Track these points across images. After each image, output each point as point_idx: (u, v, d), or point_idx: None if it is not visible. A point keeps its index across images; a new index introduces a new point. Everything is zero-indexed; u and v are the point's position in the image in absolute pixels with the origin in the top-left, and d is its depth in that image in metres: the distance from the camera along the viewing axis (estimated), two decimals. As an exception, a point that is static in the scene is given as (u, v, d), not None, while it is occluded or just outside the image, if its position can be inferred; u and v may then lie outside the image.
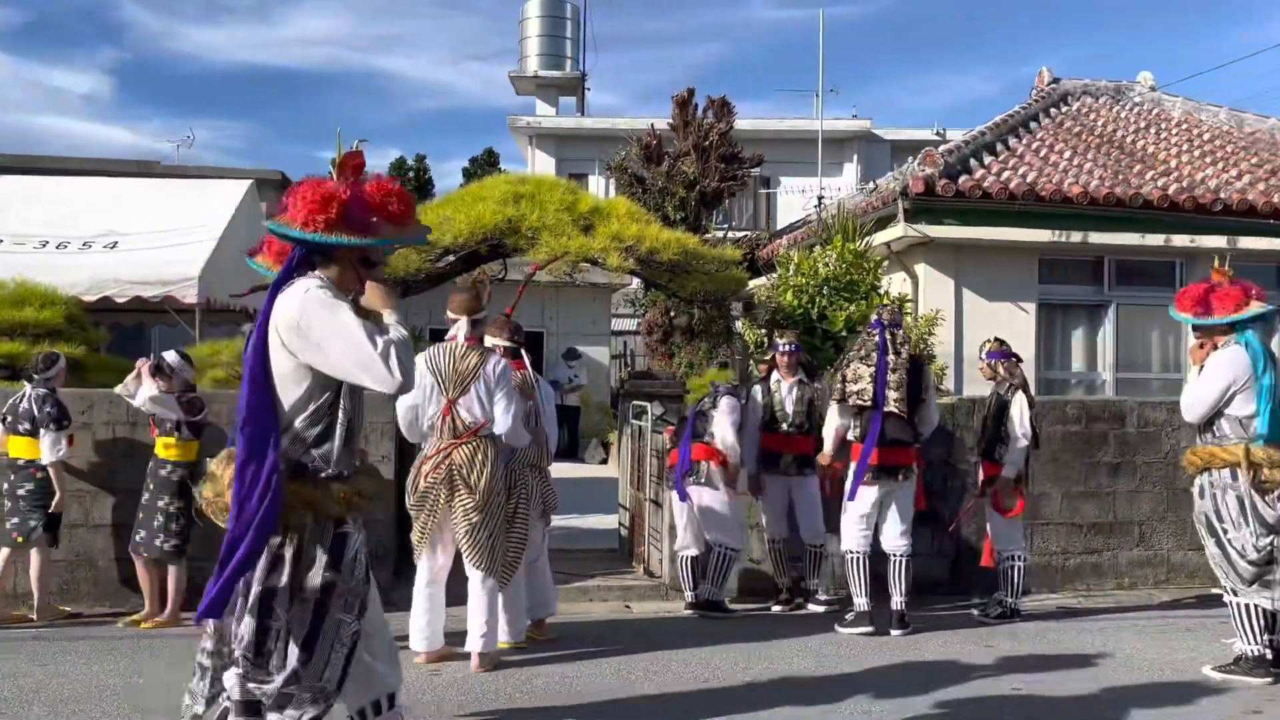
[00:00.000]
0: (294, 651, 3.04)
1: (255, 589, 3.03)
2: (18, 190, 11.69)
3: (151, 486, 6.54)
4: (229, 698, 3.16)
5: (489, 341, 6.27)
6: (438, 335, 21.19)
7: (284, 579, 3.05)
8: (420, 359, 5.36)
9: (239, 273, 10.88)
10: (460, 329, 5.58)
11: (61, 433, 6.56)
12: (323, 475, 3.11)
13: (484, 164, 36.47)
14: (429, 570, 5.62)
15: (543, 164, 25.00)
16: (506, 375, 5.59)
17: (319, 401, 3.10)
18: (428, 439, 5.57)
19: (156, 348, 9.44)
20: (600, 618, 6.97)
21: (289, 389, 3.08)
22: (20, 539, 6.57)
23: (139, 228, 10.64)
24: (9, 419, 6.65)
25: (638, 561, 8.19)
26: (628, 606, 7.34)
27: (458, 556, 5.60)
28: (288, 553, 3.05)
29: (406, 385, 3.03)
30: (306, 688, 3.05)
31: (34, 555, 6.62)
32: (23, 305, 8.36)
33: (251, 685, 3.07)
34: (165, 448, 6.55)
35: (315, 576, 3.08)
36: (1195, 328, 5.79)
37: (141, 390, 6.45)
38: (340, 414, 3.14)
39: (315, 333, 2.99)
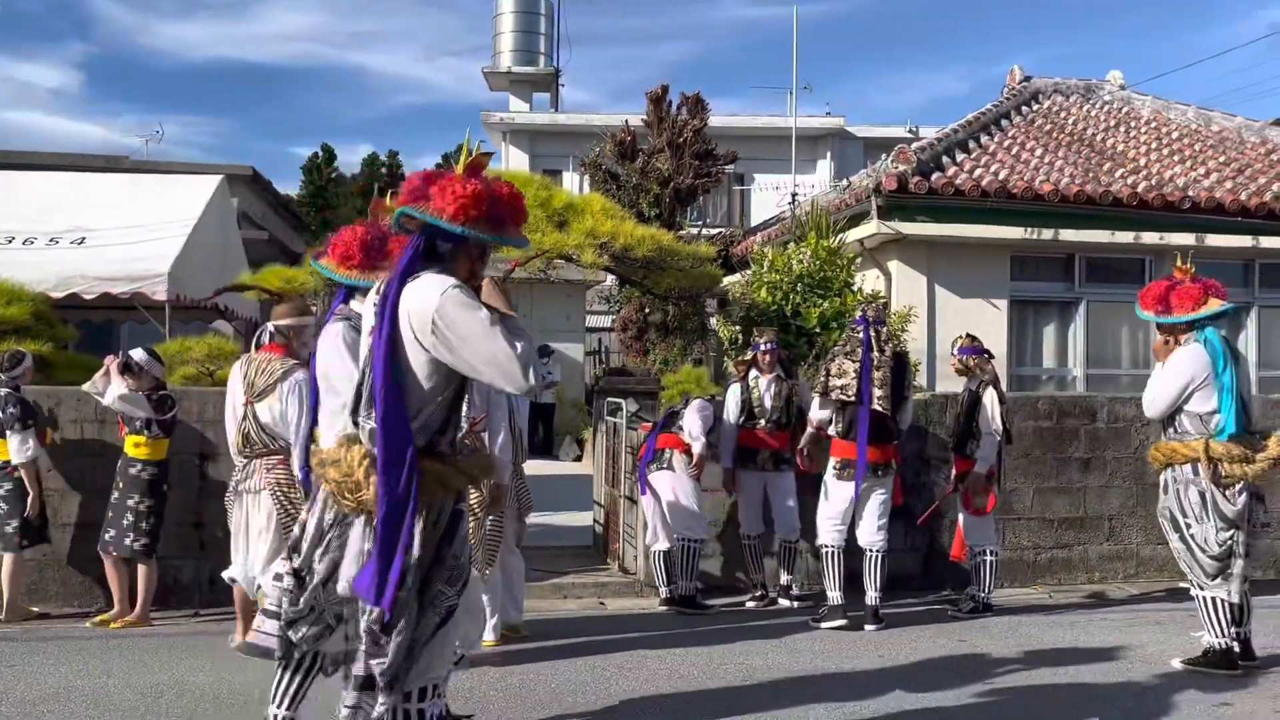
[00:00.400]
0: (409, 624, 3.15)
1: (396, 579, 3.12)
2: (-16, 185, 11.51)
3: (121, 485, 6.47)
4: (353, 672, 3.27)
5: None
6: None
7: (415, 553, 3.14)
8: None
9: (209, 269, 10.81)
10: None
11: (27, 432, 6.47)
12: (447, 456, 3.25)
13: (457, 159, 36.35)
14: None
15: (516, 160, 24.94)
16: None
17: (445, 393, 3.20)
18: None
19: (125, 345, 9.33)
20: (575, 614, 6.96)
21: (421, 378, 3.16)
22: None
23: (108, 224, 10.51)
24: None
25: (612, 558, 8.19)
26: (602, 603, 7.33)
27: None
28: (417, 529, 3.14)
29: (535, 389, 3.12)
30: (406, 659, 3.17)
31: (6, 560, 6.54)
32: (-12, 302, 8.23)
33: (373, 661, 3.17)
34: (135, 446, 6.48)
35: (431, 547, 3.18)
36: (1158, 325, 5.86)
37: (110, 389, 6.37)
38: (464, 405, 3.33)
39: (453, 332, 3.06)
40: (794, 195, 19.10)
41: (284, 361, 5.63)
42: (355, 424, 3.26)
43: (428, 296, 3.07)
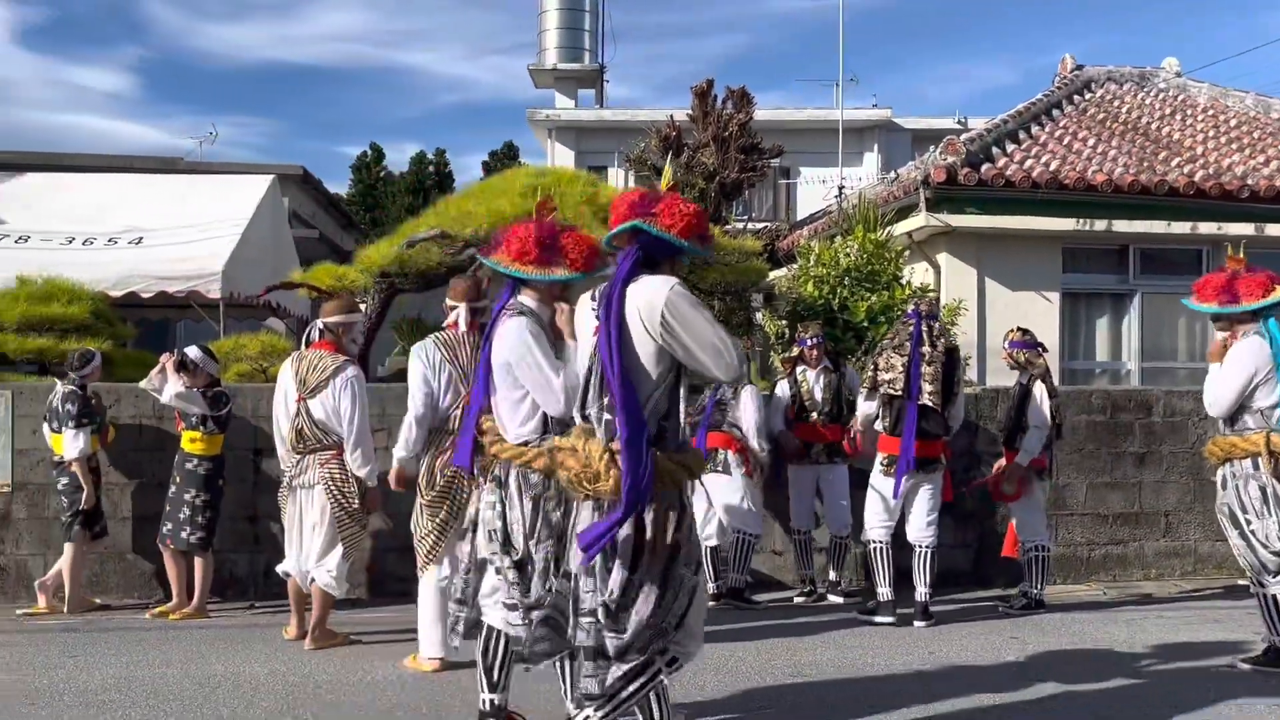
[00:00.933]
0: (646, 602, 3.42)
1: (627, 547, 3.40)
2: (45, 188, 11.83)
3: (178, 480, 6.61)
4: (579, 644, 3.51)
5: None
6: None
7: (647, 537, 3.41)
8: (436, 351, 5.27)
9: (261, 267, 10.99)
10: (460, 316, 5.29)
11: (81, 430, 6.63)
12: (671, 445, 3.50)
13: (503, 158, 36.57)
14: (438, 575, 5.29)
15: (562, 157, 25.01)
16: None
17: (668, 381, 3.50)
18: (421, 433, 5.16)
19: (181, 343, 9.53)
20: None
21: (649, 369, 3.46)
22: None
23: (163, 224, 10.75)
24: (48, 417, 6.77)
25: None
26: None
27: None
28: (649, 515, 3.41)
29: (744, 376, 3.67)
30: (649, 634, 3.44)
31: (67, 548, 6.72)
32: (50, 301, 8.46)
33: (607, 635, 3.44)
34: (191, 441, 6.61)
35: (668, 535, 3.43)
36: (1216, 318, 5.69)
37: (167, 387, 6.51)
38: (681, 391, 3.56)
39: (680, 324, 3.39)
40: (840, 188, 18.95)
41: (335, 357, 5.71)
42: (584, 417, 3.56)
43: (657, 293, 3.41)
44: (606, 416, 3.44)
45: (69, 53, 73.75)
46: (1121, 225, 11.12)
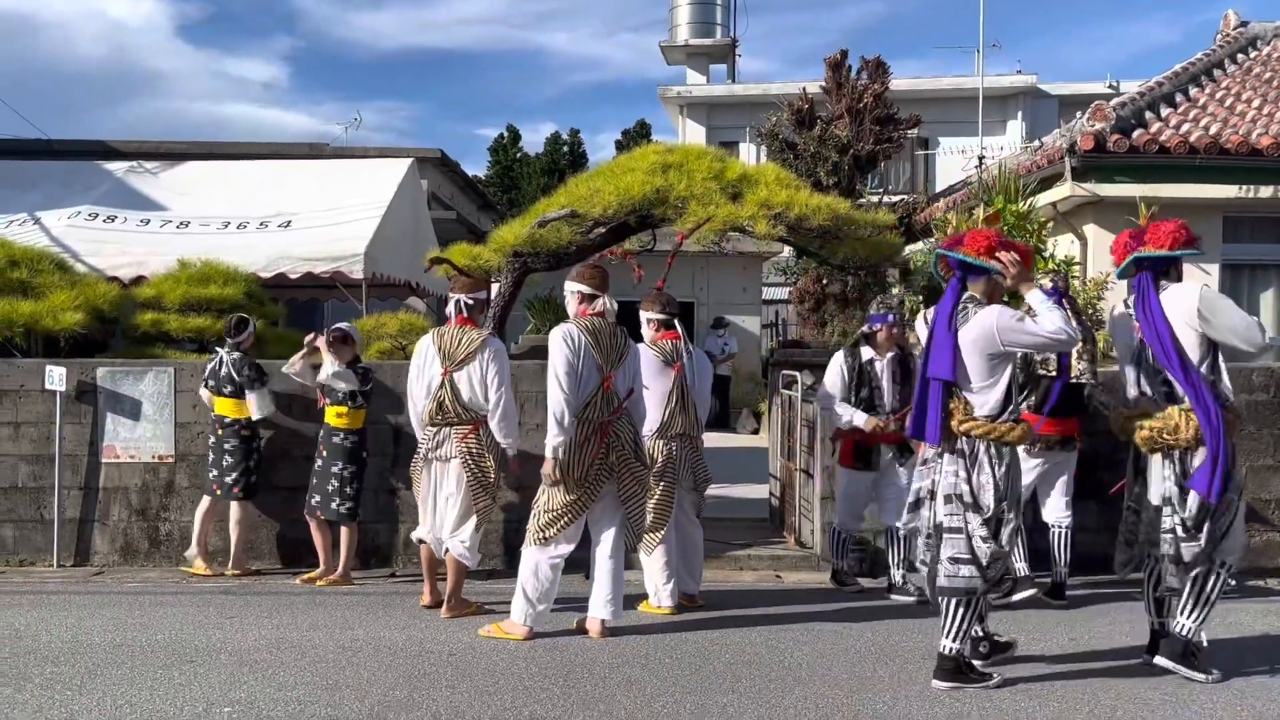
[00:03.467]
0: (1215, 521, 4.78)
1: (1203, 477, 4.72)
2: (204, 175, 12.48)
3: (325, 453, 6.91)
4: (1167, 557, 4.83)
5: (643, 315, 6.35)
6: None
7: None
8: (581, 335, 5.44)
9: (401, 248, 11.34)
10: (605, 304, 5.59)
11: (264, 389, 7.10)
12: (1221, 402, 4.79)
13: (636, 136, 36.71)
14: (610, 543, 5.57)
15: (693, 133, 24.94)
16: (635, 350, 5.77)
17: (1210, 357, 4.83)
18: (573, 418, 5.39)
19: (328, 322, 9.94)
20: (750, 587, 6.98)
21: (1194, 352, 4.78)
22: (219, 491, 7.11)
23: (310, 207, 11.19)
24: (211, 383, 7.20)
25: (789, 532, 8.14)
26: (778, 576, 7.31)
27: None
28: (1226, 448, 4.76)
29: (1271, 349, 4.45)
30: (1211, 547, 4.79)
31: (234, 509, 7.15)
32: (208, 283, 8.95)
33: (1184, 546, 4.76)
34: (337, 416, 6.90)
35: (1240, 469, 4.93)
36: None
37: (325, 365, 6.81)
38: (1221, 362, 4.88)
39: (1214, 315, 4.78)
40: (981, 158, 18.28)
41: (479, 332, 5.89)
42: (1141, 391, 4.95)
43: (1189, 294, 4.84)
44: (1164, 389, 4.83)
45: (226, 45, 77.66)
46: (1289, 191, 10.39)
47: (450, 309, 6.00)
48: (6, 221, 10.64)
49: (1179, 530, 4.76)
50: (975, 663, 4.89)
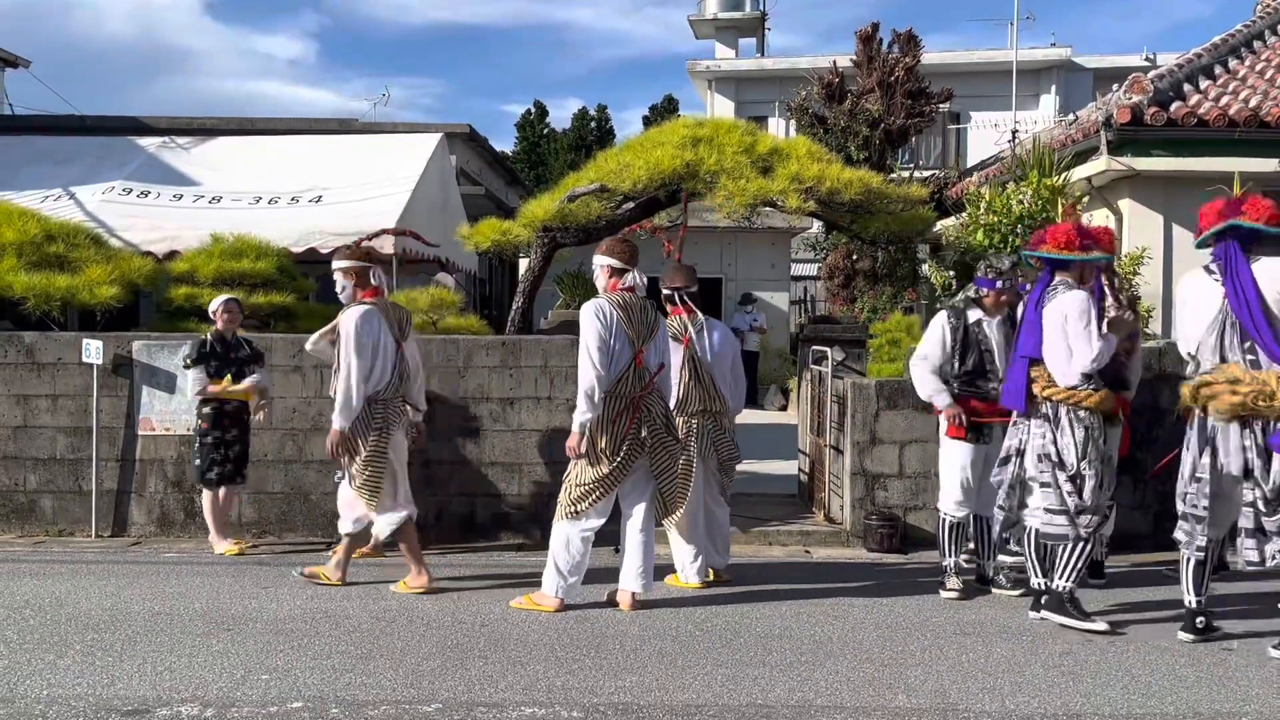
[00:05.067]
0: None
1: None
2: (235, 151, 12.55)
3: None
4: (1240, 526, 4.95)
5: (664, 289, 6.33)
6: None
7: None
8: (613, 310, 5.45)
9: (431, 223, 11.36)
10: (635, 279, 5.64)
11: (199, 367, 7.01)
12: None
13: (664, 111, 36.55)
14: (641, 516, 5.60)
15: (722, 108, 24.78)
16: (664, 325, 5.79)
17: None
18: (605, 392, 5.42)
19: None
20: (780, 561, 6.98)
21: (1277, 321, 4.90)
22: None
23: (340, 182, 11.23)
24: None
25: (818, 507, 8.13)
26: (807, 551, 7.32)
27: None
28: None
29: None
30: None
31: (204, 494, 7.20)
32: (240, 257, 9.00)
33: (1265, 519, 4.82)
34: (365, 389, 6.91)
35: None
36: None
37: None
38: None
39: None
40: (1014, 132, 18.06)
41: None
42: (1222, 358, 4.95)
43: (1277, 269, 4.90)
44: (1250, 357, 4.88)
45: (254, 22, 77.84)
46: (1332, 165, 10.18)
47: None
48: (42, 196, 10.76)
49: (1260, 504, 4.82)
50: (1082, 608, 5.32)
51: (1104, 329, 5.38)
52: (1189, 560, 5.08)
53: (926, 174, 16.57)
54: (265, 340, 7.57)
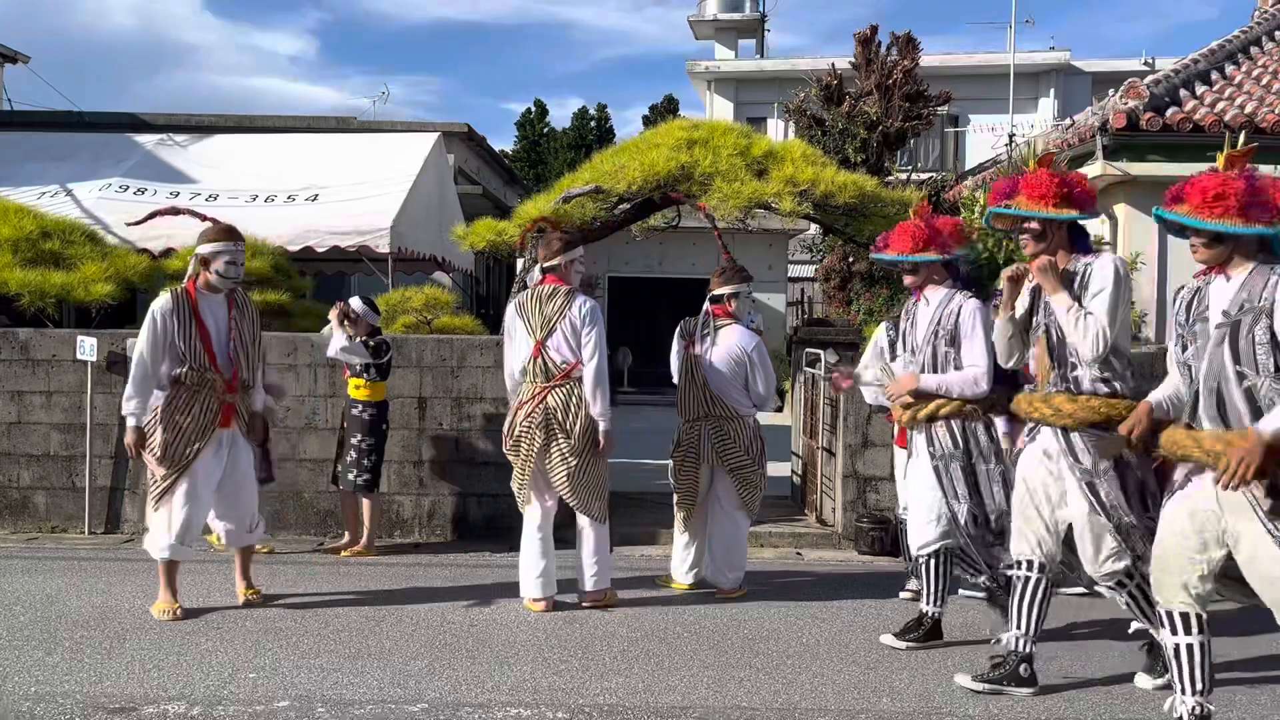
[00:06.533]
0: None
1: None
2: (233, 148, 12.57)
3: (345, 425, 6.97)
4: None
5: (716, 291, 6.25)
6: (615, 283, 21.26)
7: None
8: (510, 305, 5.59)
9: (428, 222, 11.39)
10: (561, 265, 5.59)
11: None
12: None
13: (664, 111, 36.51)
14: (537, 516, 5.61)
15: (721, 109, 24.80)
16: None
17: None
18: (519, 384, 5.61)
19: (355, 295, 10.01)
20: (771, 563, 7.00)
21: None
22: None
23: (337, 181, 11.25)
24: None
25: (810, 510, 8.15)
26: (798, 553, 7.33)
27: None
28: None
29: None
30: None
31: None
32: (235, 255, 8.99)
33: None
34: (355, 389, 6.95)
35: None
36: None
37: (333, 340, 6.85)
38: None
39: None
40: (1011, 136, 18.09)
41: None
42: None
43: None
44: None
45: (254, 18, 77.84)
46: (1327, 172, 10.21)
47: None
48: (39, 193, 10.77)
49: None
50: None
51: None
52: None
53: (924, 176, 16.59)
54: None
